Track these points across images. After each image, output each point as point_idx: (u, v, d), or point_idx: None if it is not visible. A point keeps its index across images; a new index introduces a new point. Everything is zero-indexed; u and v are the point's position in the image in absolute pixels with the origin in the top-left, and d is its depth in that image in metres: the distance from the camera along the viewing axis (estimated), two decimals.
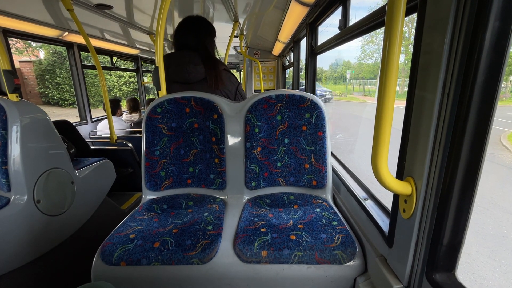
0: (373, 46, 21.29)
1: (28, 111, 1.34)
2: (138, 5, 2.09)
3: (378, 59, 21.94)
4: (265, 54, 4.71)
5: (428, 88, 0.58)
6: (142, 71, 5.03)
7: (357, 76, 24.61)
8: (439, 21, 0.54)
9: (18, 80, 1.34)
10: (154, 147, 1.31)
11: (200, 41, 1.47)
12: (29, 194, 1.29)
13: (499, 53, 0.48)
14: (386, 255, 0.80)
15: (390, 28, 0.52)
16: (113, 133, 2.30)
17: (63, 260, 1.49)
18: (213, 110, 1.29)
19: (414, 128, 0.64)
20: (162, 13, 1.24)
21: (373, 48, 21.52)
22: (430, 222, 0.62)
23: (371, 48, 21.66)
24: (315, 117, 1.25)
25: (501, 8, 0.46)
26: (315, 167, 1.27)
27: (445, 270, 0.62)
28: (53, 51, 12.60)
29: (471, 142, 0.53)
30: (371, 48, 21.66)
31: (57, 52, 12.60)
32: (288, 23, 2.50)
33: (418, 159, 0.63)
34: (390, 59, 0.53)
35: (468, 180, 0.55)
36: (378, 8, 1.02)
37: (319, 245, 0.91)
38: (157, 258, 0.90)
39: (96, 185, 1.80)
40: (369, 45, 21.69)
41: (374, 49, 21.54)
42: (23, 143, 1.28)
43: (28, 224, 1.29)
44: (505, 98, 11.25)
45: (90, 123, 3.48)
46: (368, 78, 22.87)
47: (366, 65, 23.17)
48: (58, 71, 12.69)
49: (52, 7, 1.99)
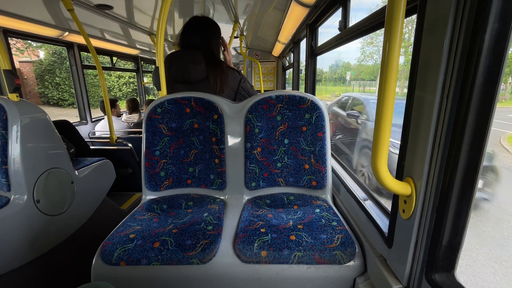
0: (373, 47, 21.32)
1: (28, 111, 1.34)
2: (139, 6, 2.09)
3: (378, 60, 21.93)
4: (265, 54, 4.72)
5: (427, 89, 0.59)
6: (142, 72, 5.04)
7: (357, 77, 24.62)
8: (439, 22, 0.54)
9: (19, 80, 1.34)
10: (154, 147, 1.31)
11: (204, 40, 1.47)
12: (29, 194, 1.29)
13: (498, 54, 0.48)
14: (386, 255, 0.80)
15: (390, 29, 0.52)
16: (113, 133, 2.30)
17: (63, 260, 1.49)
18: (213, 111, 1.29)
19: (414, 128, 0.64)
20: (162, 14, 1.25)
21: (373, 50, 21.55)
22: (429, 222, 0.62)
23: (370, 50, 21.67)
24: (315, 118, 1.25)
25: (500, 10, 0.46)
26: (315, 168, 1.27)
27: (444, 270, 0.62)
28: (53, 51, 12.53)
29: (470, 142, 0.53)
30: (370, 50, 21.67)
31: (57, 52, 12.53)
32: (288, 24, 2.51)
33: (417, 160, 0.63)
34: (390, 60, 0.53)
35: (467, 180, 0.55)
36: (378, 9, 1.02)
37: (319, 246, 0.91)
38: (157, 258, 0.90)
39: (96, 185, 1.80)
40: (369, 46, 21.71)
41: (373, 50, 21.56)
42: (23, 143, 1.28)
43: (27, 224, 1.29)
44: (504, 99, 11.16)
45: (90, 123, 3.48)
46: (368, 79, 22.88)
47: (366, 67, 23.19)
48: (58, 71, 12.61)
49: (53, 7, 1.99)
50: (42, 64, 12.36)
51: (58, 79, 12.66)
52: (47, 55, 12.62)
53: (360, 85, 23.50)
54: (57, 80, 12.65)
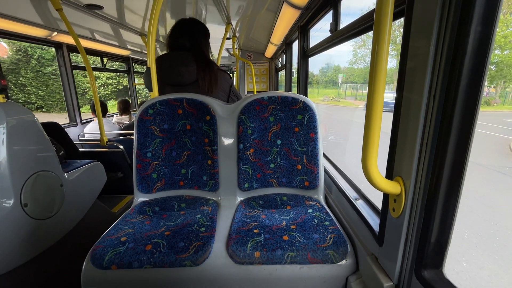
0: (365, 49, 21.48)
1: (15, 112, 1.30)
2: (130, 6, 2.07)
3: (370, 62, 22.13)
4: (257, 56, 4.73)
5: (415, 90, 0.60)
6: (133, 73, 4.98)
7: (347, 80, 24.80)
8: (425, 25, 0.56)
9: (5, 81, 1.31)
10: (145, 149, 1.29)
11: (194, 42, 1.47)
12: (16, 198, 1.26)
13: (481, 56, 0.50)
14: (377, 253, 0.82)
15: (378, 32, 0.54)
16: (103, 135, 2.27)
17: (52, 265, 1.45)
18: (205, 112, 1.29)
19: (403, 129, 0.65)
20: (154, 14, 1.24)
21: (365, 52, 21.74)
22: (418, 220, 0.63)
23: (362, 52, 21.85)
24: (307, 119, 1.27)
25: (483, 14, 0.48)
26: (307, 168, 1.28)
27: (433, 267, 0.63)
28: (17, 48, 11.27)
29: (456, 141, 0.55)
30: (362, 52, 21.85)
31: (21, 49, 11.30)
32: (280, 26, 2.53)
33: (406, 159, 0.65)
34: (378, 61, 0.54)
35: (454, 179, 0.57)
36: (367, 12, 1.04)
37: (312, 245, 0.92)
38: (149, 261, 0.89)
39: (86, 187, 1.77)
40: (360, 48, 21.88)
41: (365, 53, 21.76)
42: (10, 145, 1.25)
43: (15, 228, 1.25)
44: (496, 103, 11.27)
45: (80, 125, 3.41)
46: (361, 82, 23.05)
47: (357, 69, 23.39)
48: (23, 70, 11.40)
49: (40, 7, 1.95)
50: (5, 63, 11.12)
51: (23, 79, 11.44)
52: (11, 52, 11.36)
53: (353, 88, 23.70)
54: (22, 81, 11.44)
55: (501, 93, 11.12)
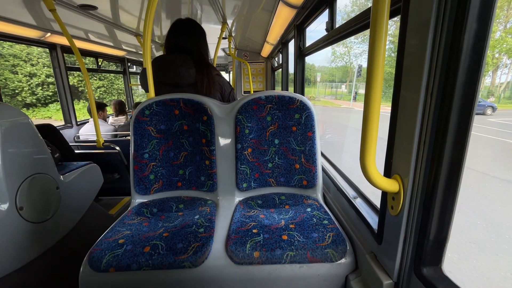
0: (344, 47, 21.34)
1: (9, 114, 1.28)
2: (124, 6, 2.05)
3: (348, 62, 22.15)
4: (254, 55, 4.73)
5: (412, 88, 0.60)
6: (129, 73, 4.95)
7: (326, 79, 24.49)
8: (422, 23, 0.56)
9: None
10: (142, 150, 1.28)
11: (194, 44, 1.46)
12: (11, 201, 1.24)
13: (477, 53, 0.50)
14: (376, 251, 0.82)
15: (375, 30, 0.54)
16: (99, 136, 2.25)
17: (49, 269, 1.44)
18: (202, 112, 1.28)
19: (400, 127, 0.66)
20: (149, 14, 1.23)
21: (343, 51, 21.63)
22: (417, 218, 0.64)
23: (341, 50, 21.75)
24: (305, 118, 1.26)
25: (479, 11, 0.48)
26: (305, 167, 1.28)
27: (432, 264, 0.63)
28: None
29: (454, 139, 0.55)
30: (341, 50, 21.75)
31: None
32: (276, 25, 2.52)
33: (404, 157, 0.65)
34: (375, 60, 0.54)
35: (452, 176, 0.57)
36: (363, 10, 1.04)
37: (311, 244, 0.91)
38: (147, 263, 0.88)
39: (83, 190, 1.75)
40: (339, 46, 21.71)
41: (344, 51, 21.65)
42: (4, 148, 1.23)
43: (10, 232, 1.24)
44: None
45: (75, 127, 3.38)
46: (338, 81, 22.80)
47: (330, 68, 23.03)
48: None
49: (33, 7, 1.92)
50: None
51: None
52: None
53: (332, 87, 23.47)
54: None
55: None
